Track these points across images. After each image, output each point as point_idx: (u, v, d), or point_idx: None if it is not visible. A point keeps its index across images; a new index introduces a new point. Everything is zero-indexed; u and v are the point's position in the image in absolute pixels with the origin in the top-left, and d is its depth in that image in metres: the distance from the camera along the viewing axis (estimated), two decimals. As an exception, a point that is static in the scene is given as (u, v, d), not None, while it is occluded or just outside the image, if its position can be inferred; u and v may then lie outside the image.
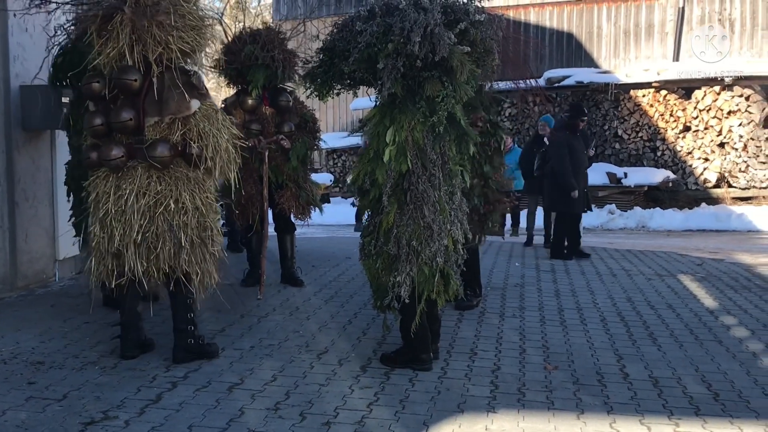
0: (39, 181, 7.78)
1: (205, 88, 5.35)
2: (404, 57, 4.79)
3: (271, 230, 7.74)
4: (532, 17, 22.41)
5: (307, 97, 5.51)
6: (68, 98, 6.48)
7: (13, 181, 7.38)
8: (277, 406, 4.52)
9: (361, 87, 5.35)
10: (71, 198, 6.66)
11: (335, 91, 5.27)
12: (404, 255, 4.98)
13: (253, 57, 7.18)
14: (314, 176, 12.01)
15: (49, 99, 6.60)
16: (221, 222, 11.71)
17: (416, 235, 4.97)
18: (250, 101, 7.42)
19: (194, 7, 5.32)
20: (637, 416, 4.43)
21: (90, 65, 5.23)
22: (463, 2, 5.03)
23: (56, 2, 5.44)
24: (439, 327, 5.60)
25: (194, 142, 5.18)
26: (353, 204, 17.13)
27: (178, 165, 5.22)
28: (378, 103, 5.16)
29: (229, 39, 7.39)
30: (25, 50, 7.39)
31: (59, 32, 5.51)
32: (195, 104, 5.22)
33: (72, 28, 5.62)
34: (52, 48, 5.92)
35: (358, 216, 14.71)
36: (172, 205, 5.11)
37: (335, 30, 5.13)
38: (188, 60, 5.29)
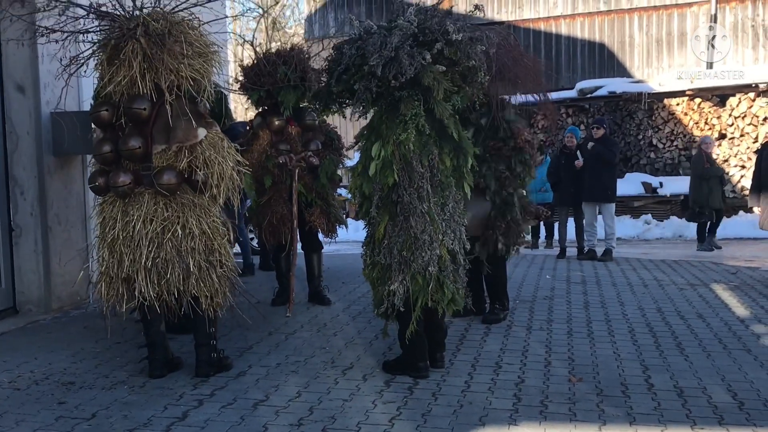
0: (71, 205, 7.91)
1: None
2: (376, 79, 4.97)
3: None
4: (563, 29, 22.40)
5: (321, 113, 5.68)
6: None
7: (46, 205, 7.51)
8: (300, 422, 4.55)
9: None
10: None
11: (333, 110, 5.50)
12: (396, 264, 5.16)
13: (286, 78, 7.23)
14: (344, 192, 12.13)
15: (79, 125, 6.70)
16: (255, 241, 11.81)
17: (407, 245, 5.11)
18: (277, 122, 7.44)
19: (199, 35, 5.43)
20: (659, 426, 4.41)
21: (100, 93, 5.36)
22: (442, 23, 5.10)
23: (61, 30, 5.51)
24: (444, 337, 5.66)
25: (200, 170, 5.27)
26: None
27: (184, 191, 5.32)
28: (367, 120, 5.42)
29: (256, 61, 7.44)
30: (55, 77, 7.52)
31: (73, 62, 5.58)
32: (201, 132, 5.31)
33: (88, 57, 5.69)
34: (64, 76, 5.82)
35: None
36: (180, 231, 5.21)
37: (333, 51, 5.35)
38: (197, 87, 5.37)
